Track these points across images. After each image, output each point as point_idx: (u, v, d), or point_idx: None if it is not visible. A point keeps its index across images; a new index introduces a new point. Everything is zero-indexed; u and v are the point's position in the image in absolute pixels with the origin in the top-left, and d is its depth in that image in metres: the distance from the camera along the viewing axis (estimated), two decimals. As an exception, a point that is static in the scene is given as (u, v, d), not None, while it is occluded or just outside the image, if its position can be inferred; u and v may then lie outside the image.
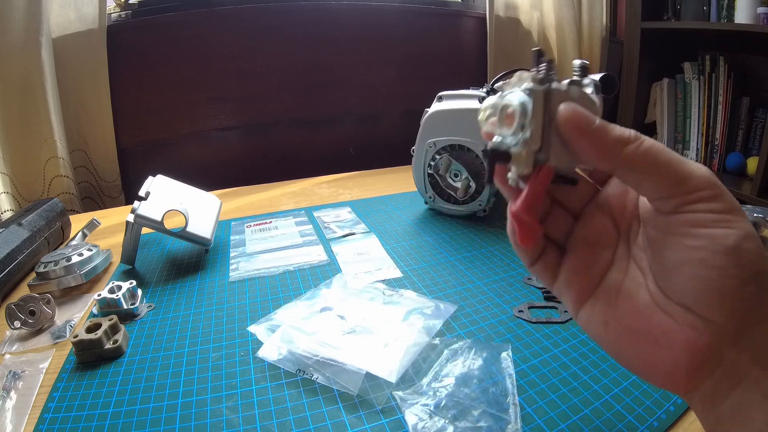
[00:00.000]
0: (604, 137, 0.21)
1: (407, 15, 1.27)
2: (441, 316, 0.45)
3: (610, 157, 0.22)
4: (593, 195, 0.27)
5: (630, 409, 0.34)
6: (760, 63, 1.22)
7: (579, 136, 0.22)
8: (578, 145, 0.22)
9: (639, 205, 0.25)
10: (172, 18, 1.08)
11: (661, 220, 0.22)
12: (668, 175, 0.20)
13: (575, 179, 0.25)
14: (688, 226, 0.21)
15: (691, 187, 0.20)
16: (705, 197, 0.20)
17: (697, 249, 0.20)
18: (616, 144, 0.21)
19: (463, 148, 0.68)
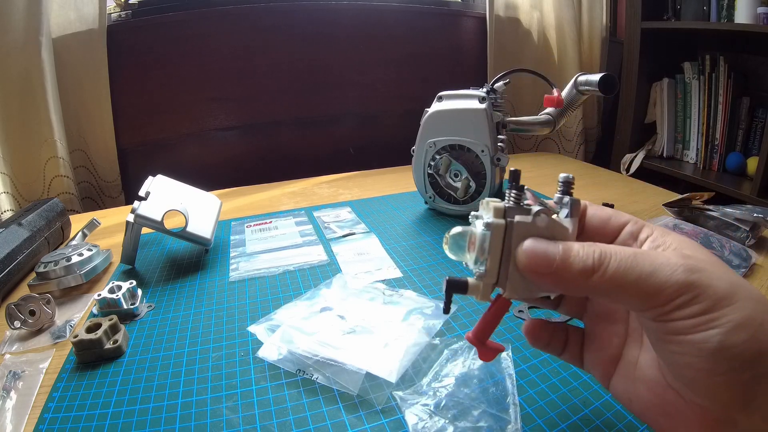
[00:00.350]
0: (566, 274, 0.22)
1: (407, 15, 1.27)
2: (441, 316, 0.45)
3: (576, 289, 0.22)
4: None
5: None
6: (761, 63, 1.22)
7: (540, 278, 0.22)
8: (541, 284, 0.23)
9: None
10: (172, 18, 1.08)
11: (646, 323, 0.22)
12: (639, 294, 0.21)
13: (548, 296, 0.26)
14: (669, 334, 0.21)
15: (664, 300, 0.20)
16: (681, 304, 0.20)
17: (682, 354, 0.20)
18: (580, 277, 0.21)
19: (463, 148, 0.68)
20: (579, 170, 1.04)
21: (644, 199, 0.80)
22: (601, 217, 0.27)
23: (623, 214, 0.26)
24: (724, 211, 0.62)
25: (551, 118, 0.73)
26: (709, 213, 0.62)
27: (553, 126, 0.73)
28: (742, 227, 0.59)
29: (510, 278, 0.23)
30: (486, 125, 0.65)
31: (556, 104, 0.71)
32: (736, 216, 0.60)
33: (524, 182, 0.24)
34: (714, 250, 0.56)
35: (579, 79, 0.71)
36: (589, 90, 0.70)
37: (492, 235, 0.23)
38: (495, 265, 0.23)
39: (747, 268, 0.53)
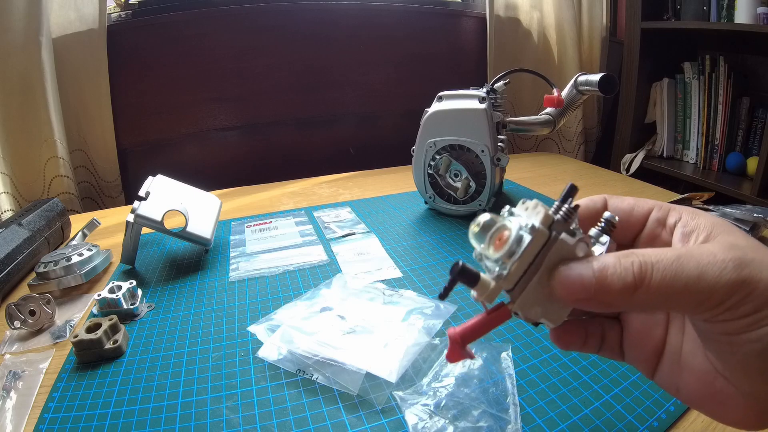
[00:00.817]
0: (607, 296, 0.20)
1: (407, 15, 1.27)
2: (441, 316, 0.45)
3: (622, 307, 0.21)
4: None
5: (630, 409, 0.34)
6: (760, 63, 1.22)
7: (582, 304, 0.21)
8: (584, 308, 0.21)
9: None
10: (172, 18, 1.08)
11: (697, 324, 0.22)
12: (689, 300, 0.19)
13: (537, 323, 0.23)
14: (722, 334, 0.20)
15: (715, 302, 0.19)
16: (732, 305, 0.19)
17: (734, 354, 0.20)
18: (622, 296, 0.20)
19: (463, 148, 0.68)
20: (579, 170, 1.04)
21: (644, 199, 0.80)
22: (623, 209, 0.25)
23: (645, 201, 0.25)
24: (723, 211, 0.62)
25: (551, 118, 0.73)
26: (709, 213, 0.62)
27: (553, 126, 0.73)
28: (742, 227, 0.59)
29: (526, 293, 0.21)
30: (486, 125, 0.65)
31: (556, 104, 0.71)
32: (735, 216, 0.60)
33: (524, 182, 0.24)
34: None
35: (579, 79, 0.71)
36: (589, 90, 0.70)
37: (532, 241, 0.20)
38: (519, 272, 0.21)
39: None
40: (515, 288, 0.21)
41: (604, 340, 0.27)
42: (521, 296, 0.21)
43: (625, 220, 0.25)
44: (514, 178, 0.92)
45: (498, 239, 0.21)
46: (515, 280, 0.21)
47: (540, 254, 0.21)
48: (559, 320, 0.23)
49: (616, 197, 0.26)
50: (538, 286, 0.21)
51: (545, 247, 0.21)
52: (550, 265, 0.21)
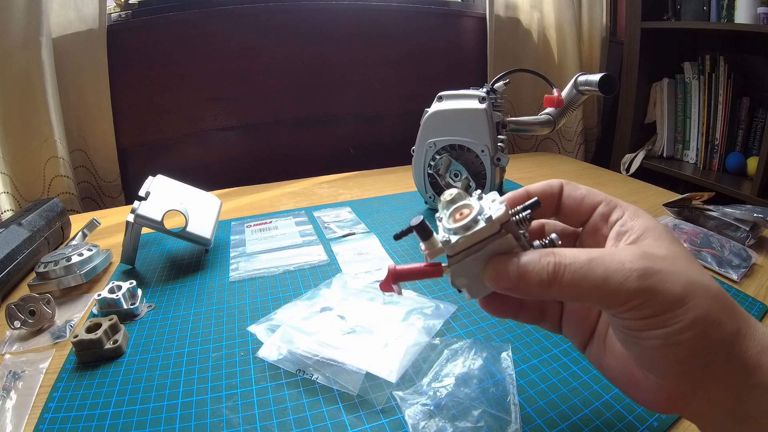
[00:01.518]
0: (526, 288, 0.24)
1: (407, 15, 1.27)
2: (441, 316, 0.45)
3: (540, 297, 0.24)
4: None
5: (630, 409, 0.34)
6: (760, 63, 1.22)
7: (506, 292, 0.25)
8: (508, 294, 0.25)
9: None
10: (172, 18, 1.08)
11: (609, 317, 0.25)
12: (595, 297, 0.22)
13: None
14: (625, 329, 0.23)
15: (618, 303, 0.22)
16: (633, 308, 0.22)
17: (637, 345, 0.23)
18: (539, 288, 0.23)
19: (463, 148, 0.68)
20: (579, 170, 1.04)
21: (644, 199, 0.80)
22: (575, 198, 0.28)
23: (597, 194, 0.28)
24: (723, 211, 0.62)
25: (551, 118, 0.73)
26: (709, 213, 0.62)
27: (553, 126, 0.73)
28: (742, 227, 0.59)
29: (461, 264, 0.25)
30: (486, 125, 0.65)
31: (556, 104, 0.71)
32: (736, 216, 0.60)
33: (524, 182, 0.25)
34: (714, 249, 0.56)
35: (579, 79, 0.71)
36: (589, 90, 0.70)
37: (483, 229, 0.24)
38: (462, 247, 0.25)
39: (747, 268, 0.53)
40: (454, 257, 0.25)
41: (544, 315, 0.30)
42: (456, 265, 0.25)
43: (575, 209, 0.28)
44: (514, 178, 0.92)
45: (459, 214, 0.25)
46: (457, 251, 0.25)
47: (484, 241, 0.25)
48: (477, 296, 0.27)
49: (572, 185, 0.29)
50: (472, 263, 0.25)
51: (491, 238, 0.25)
52: (488, 252, 0.25)
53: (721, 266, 0.54)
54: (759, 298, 0.48)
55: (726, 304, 0.22)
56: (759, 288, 0.50)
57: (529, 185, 0.30)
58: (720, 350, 0.22)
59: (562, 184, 0.29)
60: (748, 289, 0.50)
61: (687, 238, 0.59)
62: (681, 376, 0.22)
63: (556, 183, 0.29)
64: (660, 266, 0.22)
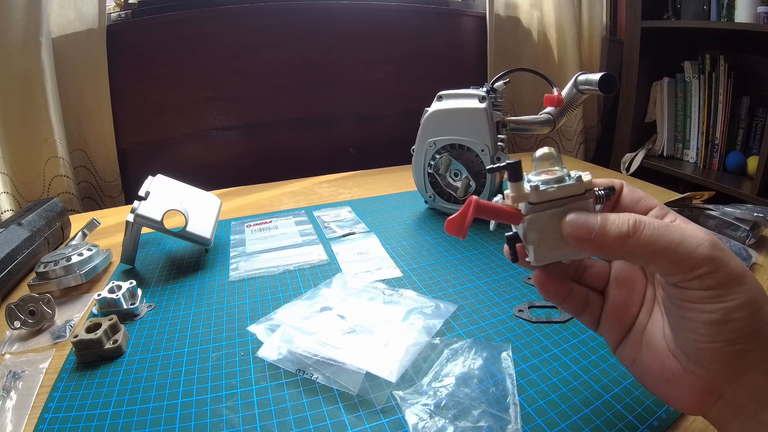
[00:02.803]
0: (605, 240, 0.24)
1: (407, 14, 1.27)
2: (441, 316, 0.45)
3: (613, 253, 0.25)
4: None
5: (630, 409, 0.34)
6: (761, 62, 1.22)
7: (582, 244, 0.25)
8: (583, 249, 0.26)
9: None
10: (172, 17, 1.08)
11: (666, 288, 0.25)
12: (668, 259, 0.23)
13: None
14: (685, 300, 0.24)
15: (688, 267, 0.23)
16: (701, 274, 0.22)
17: (690, 320, 0.23)
18: (616, 242, 0.24)
19: (463, 147, 0.68)
20: (579, 169, 1.04)
21: (644, 199, 0.80)
22: (633, 198, 0.29)
23: (653, 199, 0.29)
24: (724, 210, 0.62)
25: (551, 117, 0.73)
26: (709, 212, 0.62)
27: (553, 125, 0.73)
28: (743, 226, 0.59)
29: (540, 215, 0.26)
30: (486, 124, 0.65)
31: (556, 103, 0.71)
32: (736, 215, 0.60)
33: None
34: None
35: (579, 78, 0.71)
36: (589, 89, 0.70)
37: (572, 186, 0.26)
38: (548, 197, 0.26)
39: (747, 267, 0.53)
40: (537, 205, 0.26)
41: (585, 308, 0.31)
42: (536, 215, 0.26)
43: (631, 208, 0.29)
44: (514, 177, 0.91)
45: (547, 172, 0.27)
46: (542, 200, 0.26)
47: (569, 198, 0.26)
48: (542, 259, 0.27)
49: (631, 187, 0.30)
50: (551, 217, 0.26)
51: (575, 197, 0.26)
52: (568, 210, 0.26)
53: (722, 265, 0.53)
54: (759, 298, 0.48)
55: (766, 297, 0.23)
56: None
57: (595, 179, 0.30)
58: (763, 336, 0.22)
59: (622, 183, 0.30)
60: (749, 289, 0.50)
61: (687, 238, 0.59)
62: (727, 359, 0.23)
63: (618, 182, 0.30)
64: (723, 247, 0.23)
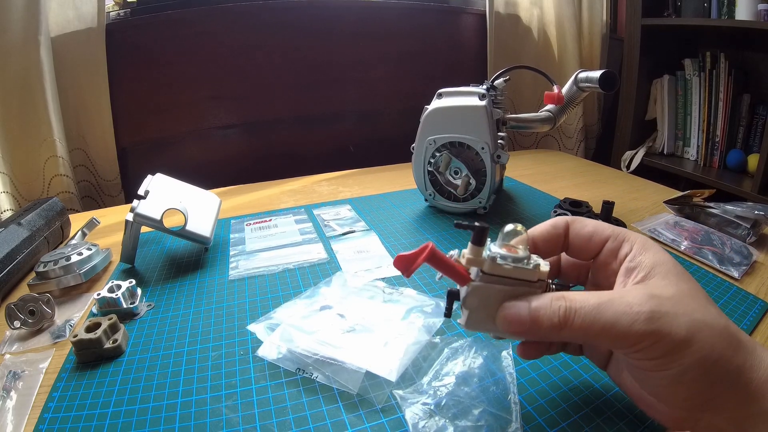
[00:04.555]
0: (539, 331, 0.25)
1: (407, 12, 1.27)
2: (441, 315, 0.44)
3: (550, 338, 0.26)
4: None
5: (630, 407, 0.34)
6: (761, 60, 1.22)
7: (518, 334, 0.26)
8: (522, 337, 0.28)
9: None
10: (171, 16, 1.07)
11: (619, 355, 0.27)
12: (606, 339, 0.24)
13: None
14: (636, 367, 0.25)
15: (628, 345, 0.23)
16: (642, 349, 0.23)
17: (643, 382, 0.26)
18: (551, 331, 0.24)
19: (463, 145, 0.67)
20: (579, 167, 1.04)
21: (645, 197, 0.80)
22: (582, 236, 0.30)
23: (604, 229, 0.29)
24: (724, 208, 0.62)
25: (551, 115, 0.73)
26: (710, 210, 0.62)
27: (553, 123, 0.73)
28: (743, 224, 0.59)
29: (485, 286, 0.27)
30: (486, 122, 0.65)
31: (556, 101, 0.70)
32: (736, 213, 0.60)
33: (524, 179, 0.26)
34: (715, 247, 0.56)
35: (579, 75, 0.71)
36: (589, 87, 0.70)
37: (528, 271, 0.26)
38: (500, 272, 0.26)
39: (748, 266, 0.53)
40: (486, 276, 0.27)
41: (566, 347, 0.33)
42: (483, 284, 0.27)
43: (583, 247, 0.30)
44: (514, 175, 0.91)
45: (510, 248, 0.27)
46: (494, 273, 0.26)
47: (520, 281, 0.26)
48: (473, 326, 0.29)
49: (578, 222, 0.30)
50: (496, 292, 0.27)
51: (526, 282, 0.26)
52: (513, 292, 0.27)
53: (722, 264, 0.53)
54: (760, 296, 0.48)
55: (731, 339, 0.23)
56: (760, 285, 0.50)
57: (533, 228, 0.31)
58: (724, 383, 0.23)
59: (567, 223, 0.30)
60: (749, 287, 0.50)
61: (688, 236, 0.59)
62: (687, 408, 0.24)
63: (561, 223, 0.30)
64: (666, 308, 0.23)
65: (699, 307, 0.24)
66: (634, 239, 0.28)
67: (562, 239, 0.30)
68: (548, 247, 0.30)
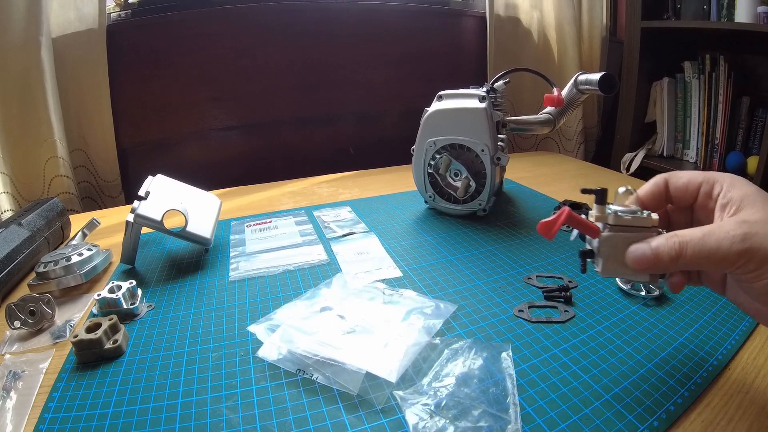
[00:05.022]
0: (660, 264, 0.30)
1: (407, 14, 1.27)
2: (441, 316, 0.45)
3: (671, 269, 0.32)
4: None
5: (630, 409, 0.34)
6: (761, 62, 1.22)
7: (645, 268, 0.32)
8: (648, 270, 0.32)
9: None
10: (171, 17, 1.08)
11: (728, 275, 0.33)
12: (713, 263, 0.29)
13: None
14: (740, 281, 0.30)
15: (730, 263, 0.28)
16: (741, 265, 0.28)
17: (750, 292, 0.30)
18: (670, 263, 0.30)
19: (463, 147, 0.68)
20: (579, 170, 1.04)
21: (644, 199, 0.80)
22: (678, 187, 0.34)
23: (697, 177, 0.33)
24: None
25: (551, 117, 0.73)
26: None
27: (553, 125, 0.73)
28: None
29: (613, 236, 0.33)
30: (486, 124, 0.65)
31: (556, 103, 0.71)
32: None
33: (524, 181, 0.27)
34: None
35: (579, 78, 0.71)
36: (589, 89, 0.70)
37: (644, 219, 0.32)
38: (623, 223, 0.32)
39: None
40: (613, 227, 0.33)
41: (691, 279, 0.36)
42: (611, 234, 0.33)
43: (682, 196, 0.34)
44: (514, 177, 0.92)
45: (625, 205, 0.33)
46: (617, 224, 0.32)
47: (639, 228, 0.32)
48: (608, 271, 0.34)
49: (675, 175, 0.35)
50: (623, 239, 0.32)
51: (644, 228, 0.32)
52: (635, 237, 0.32)
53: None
54: (759, 298, 0.48)
55: None
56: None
57: (640, 189, 0.35)
58: None
59: (666, 179, 0.35)
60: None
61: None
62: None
63: (660, 180, 0.35)
64: (756, 229, 0.28)
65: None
66: (722, 179, 0.32)
67: (664, 194, 0.35)
68: (654, 202, 0.35)
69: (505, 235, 0.65)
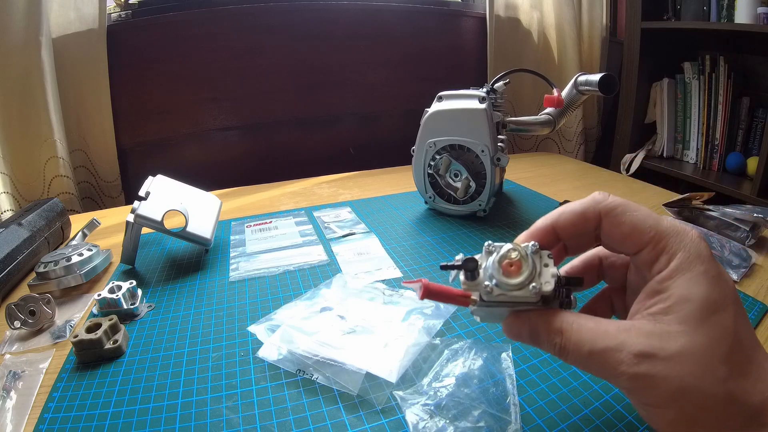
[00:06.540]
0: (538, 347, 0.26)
1: (407, 15, 1.27)
2: (441, 316, 0.45)
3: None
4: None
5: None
6: (760, 63, 1.22)
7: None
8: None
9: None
10: (172, 18, 1.08)
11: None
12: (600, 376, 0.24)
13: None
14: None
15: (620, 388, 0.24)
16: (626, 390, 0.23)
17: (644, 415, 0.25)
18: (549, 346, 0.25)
19: (463, 148, 0.68)
20: (579, 170, 1.04)
21: (644, 200, 0.80)
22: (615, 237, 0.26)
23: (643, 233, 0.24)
24: (723, 211, 0.62)
25: (551, 118, 0.73)
26: (709, 213, 0.62)
27: (553, 126, 0.73)
28: (742, 227, 0.59)
29: (487, 310, 0.27)
30: (486, 125, 0.65)
31: (556, 104, 0.71)
32: (735, 216, 0.60)
33: (524, 182, 0.26)
34: (714, 250, 0.56)
35: (579, 79, 0.71)
36: (589, 90, 0.70)
37: (526, 298, 0.25)
38: (499, 300, 0.26)
39: (747, 268, 0.53)
40: (484, 302, 0.26)
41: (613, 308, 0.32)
42: (483, 308, 0.27)
43: (618, 246, 0.26)
44: (514, 178, 0.92)
45: (509, 264, 0.25)
46: (491, 303, 0.26)
47: (520, 303, 0.26)
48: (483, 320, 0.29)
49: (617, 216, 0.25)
50: (498, 311, 0.27)
51: (527, 304, 0.26)
52: (516, 308, 0.26)
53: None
54: (759, 298, 0.48)
55: (732, 413, 0.21)
56: (759, 288, 0.50)
57: (560, 213, 0.27)
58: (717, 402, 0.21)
59: (600, 214, 0.25)
60: (748, 289, 0.50)
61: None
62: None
63: (591, 213, 0.26)
64: (657, 370, 0.21)
65: (701, 369, 0.20)
66: (675, 250, 0.23)
67: (592, 233, 0.26)
68: (575, 241, 0.27)
69: (505, 236, 0.65)
